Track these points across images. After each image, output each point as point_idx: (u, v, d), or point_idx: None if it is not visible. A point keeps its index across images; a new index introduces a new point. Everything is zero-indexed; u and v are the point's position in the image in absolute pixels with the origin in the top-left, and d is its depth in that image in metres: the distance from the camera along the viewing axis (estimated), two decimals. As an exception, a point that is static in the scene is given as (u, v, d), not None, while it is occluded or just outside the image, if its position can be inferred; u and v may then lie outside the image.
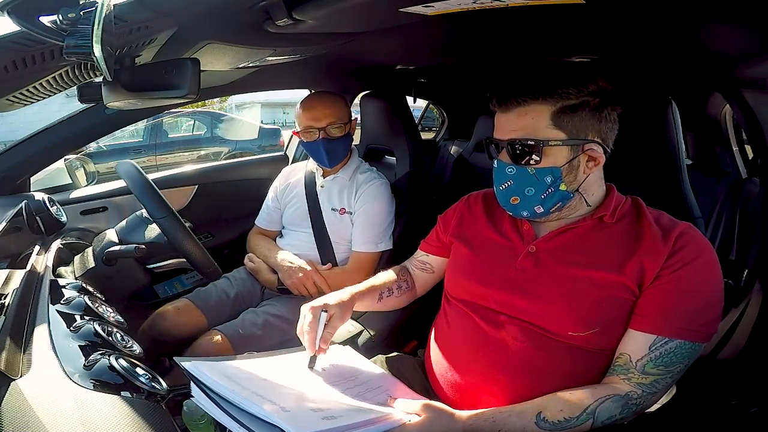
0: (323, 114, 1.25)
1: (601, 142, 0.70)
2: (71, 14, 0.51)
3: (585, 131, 0.69)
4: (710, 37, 0.77)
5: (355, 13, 0.74)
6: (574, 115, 0.68)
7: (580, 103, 0.68)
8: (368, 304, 0.88)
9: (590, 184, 0.73)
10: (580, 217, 0.74)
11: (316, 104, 1.27)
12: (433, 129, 3.47)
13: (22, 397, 0.50)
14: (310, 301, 0.78)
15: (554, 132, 0.68)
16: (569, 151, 0.69)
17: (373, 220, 1.27)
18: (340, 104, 1.29)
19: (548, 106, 0.68)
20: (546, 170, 0.69)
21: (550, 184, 0.69)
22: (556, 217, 0.75)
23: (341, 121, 1.27)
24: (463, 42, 1.11)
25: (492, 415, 0.64)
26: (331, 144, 1.26)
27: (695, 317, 0.63)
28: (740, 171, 1.90)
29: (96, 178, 1.64)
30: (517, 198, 0.72)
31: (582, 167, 0.70)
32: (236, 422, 0.53)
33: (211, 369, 0.60)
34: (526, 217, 0.75)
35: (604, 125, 0.70)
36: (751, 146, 1.49)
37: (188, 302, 1.23)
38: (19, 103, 0.73)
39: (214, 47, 0.83)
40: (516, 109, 0.70)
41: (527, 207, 0.72)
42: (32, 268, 0.84)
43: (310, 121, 1.25)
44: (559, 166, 0.69)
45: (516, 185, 0.71)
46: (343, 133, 1.28)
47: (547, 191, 0.70)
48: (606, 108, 0.70)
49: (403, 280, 0.96)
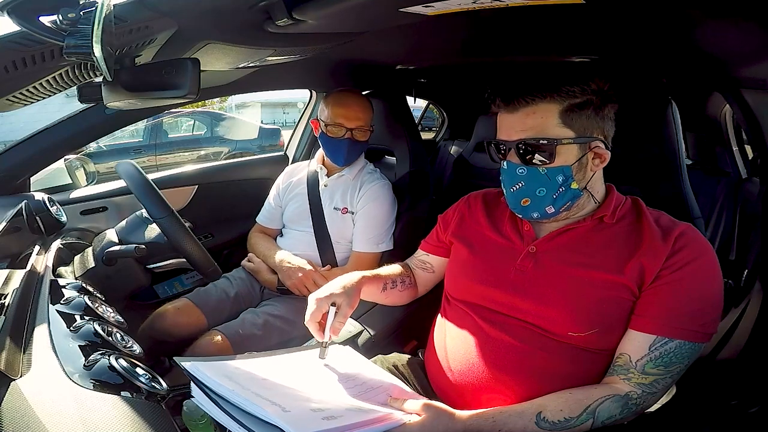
0: (356, 116, 1.25)
1: (604, 140, 0.71)
2: (71, 14, 0.51)
3: (591, 129, 0.69)
4: (710, 37, 0.77)
5: (355, 13, 0.74)
6: (581, 113, 0.68)
7: (585, 102, 0.68)
8: (373, 292, 0.87)
9: (596, 181, 0.74)
10: (582, 217, 0.74)
11: (352, 104, 1.26)
12: (433, 129, 3.48)
13: (22, 397, 0.50)
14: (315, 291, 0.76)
15: (564, 130, 0.68)
16: (578, 150, 0.69)
17: (375, 220, 1.27)
18: (370, 109, 1.30)
19: (556, 104, 0.68)
20: (557, 169, 0.68)
21: (562, 183, 0.69)
22: (564, 216, 0.75)
23: (368, 126, 1.28)
24: (463, 42, 1.11)
25: (492, 415, 0.64)
26: (353, 146, 1.27)
27: (695, 317, 0.63)
28: (740, 171, 1.90)
29: (96, 178, 1.64)
30: (528, 199, 0.71)
31: (589, 165, 0.71)
32: (236, 422, 0.53)
33: (211, 369, 0.60)
34: (536, 219, 0.74)
35: (606, 123, 0.71)
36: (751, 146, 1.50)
37: (188, 302, 1.23)
38: (19, 103, 0.73)
39: (214, 47, 0.83)
40: (523, 109, 0.69)
41: (538, 208, 0.71)
42: (32, 268, 0.83)
43: (341, 119, 1.24)
44: (570, 164, 0.68)
45: (527, 186, 0.71)
46: (366, 138, 1.29)
47: (559, 190, 0.69)
48: (606, 106, 0.70)
49: (407, 275, 0.96)
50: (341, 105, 1.25)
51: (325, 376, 0.72)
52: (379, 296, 0.89)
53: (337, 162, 1.31)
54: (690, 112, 1.75)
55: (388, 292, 0.91)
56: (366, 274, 0.85)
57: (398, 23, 0.81)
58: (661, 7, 0.67)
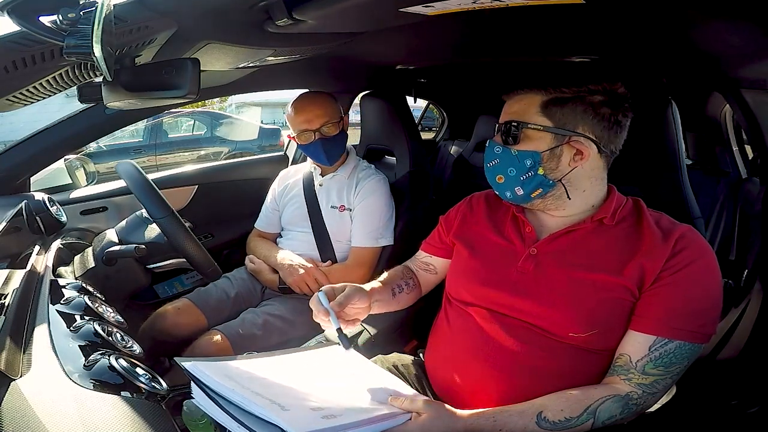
0: (315, 115, 1.25)
1: (594, 139, 0.70)
2: (71, 14, 0.51)
3: (574, 124, 0.70)
4: (710, 37, 0.77)
5: (355, 13, 0.74)
6: (564, 107, 0.70)
7: (574, 97, 0.70)
8: (384, 300, 0.86)
9: (579, 178, 0.73)
10: (580, 219, 0.74)
11: (307, 106, 1.27)
12: (433, 129, 3.47)
13: (22, 397, 0.50)
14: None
15: (540, 119, 0.71)
16: (552, 139, 0.70)
17: (373, 214, 1.28)
18: (330, 102, 1.30)
19: (541, 95, 0.72)
20: (527, 153, 0.71)
21: (530, 167, 0.71)
22: (540, 205, 0.76)
23: (334, 120, 1.27)
24: (463, 42, 1.11)
25: (493, 415, 0.64)
26: (328, 143, 1.27)
27: (694, 318, 0.63)
28: (740, 171, 1.90)
29: (96, 178, 1.64)
30: (502, 177, 0.75)
31: (566, 158, 0.71)
32: (236, 422, 0.53)
33: (211, 369, 0.60)
34: (510, 199, 0.77)
35: (599, 123, 0.70)
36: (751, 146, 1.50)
37: (188, 302, 1.23)
38: (19, 103, 0.73)
39: (214, 47, 0.83)
40: (515, 97, 0.75)
41: (509, 187, 0.75)
42: (32, 268, 0.83)
43: (304, 125, 1.26)
44: (540, 151, 0.71)
45: (501, 164, 0.75)
46: (337, 130, 1.29)
47: (527, 174, 0.72)
48: (604, 107, 0.70)
49: (409, 277, 0.96)
50: (298, 112, 1.27)
51: (325, 376, 0.72)
52: (390, 303, 0.89)
53: (322, 163, 1.32)
54: (690, 112, 1.75)
55: (398, 297, 0.90)
56: (372, 285, 0.85)
57: (398, 23, 0.81)
58: (660, 7, 0.67)
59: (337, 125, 1.28)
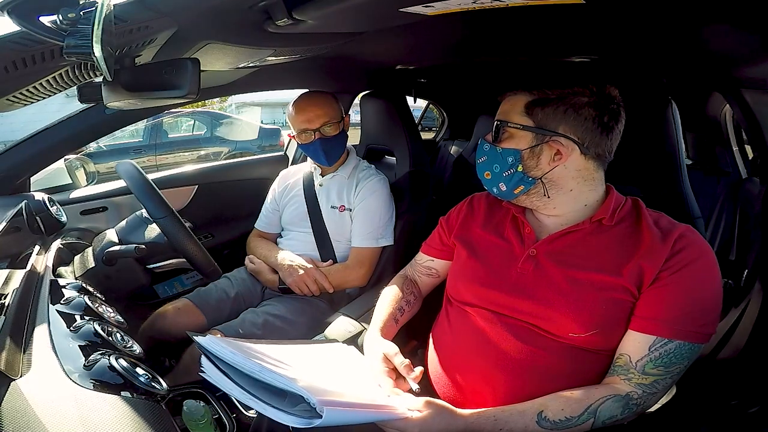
0: (316, 115, 1.25)
1: (576, 140, 0.70)
2: (71, 14, 0.51)
3: (555, 125, 0.71)
4: (710, 37, 0.77)
5: (355, 13, 0.74)
6: (546, 108, 0.72)
7: (557, 99, 0.71)
8: (392, 332, 0.88)
9: (562, 178, 0.73)
10: (577, 220, 0.75)
11: (308, 106, 1.27)
12: (433, 129, 3.48)
13: (22, 397, 0.50)
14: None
15: (523, 119, 0.73)
16: (533, 138, 0.72)
17: (372, 214, 1.27)
18: (331, 102, 1.30)
19: (525, 97, 0.74)
20: (509, 151, 0.74)
21: (511, 164, 0.74)
22: (527, 202, 0.77)
23: (335, 120, 1.27)
24: (463, 42, 1.11)
25: (493, 414, 0.64)
26: (328, 143, 1.27)
27: (694, 318, 0.63)
28: (740, 171, 1.90)
29: (96, 178, 1.64)
30: (489, 173, 0.78)
31: (546, 158, 0.72)
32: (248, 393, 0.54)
33: (227, 343, 0.61)
34: (497, 195, 0.80)
35: (582, 125, 0.70)
36: (751, 146, 1.49)
37: (188, 302, 1.23)
38: (19, 103, 0.73)
39: (214, 47, 0.83)
40: (506, 98, 0.78)
41: (495, 183, 0.77)
42: (32, 268, 0.83)
43: (304, 124, 1.26)
44: (521, 149, 0.73)
45: (488, 161, 0.78)
46: (338, 131, 1.29)
47: (509, 170, 0.74)
48: (588, 108, 0.70)
49: (410, 292, 0.95)
50: (298, 111, 1.27)
51: (329, 370, 0.73)
52: (395, 329, 0.89)
53: (322, 163, 1.32)
54: (690, 112, 1.75)
55: (401, 321, 0.91)
56: (378, 327, 0.85)
57: (398, 23, 0.81)
58: (661, 8, 0.67)
59: (338, 125, 1.28)
